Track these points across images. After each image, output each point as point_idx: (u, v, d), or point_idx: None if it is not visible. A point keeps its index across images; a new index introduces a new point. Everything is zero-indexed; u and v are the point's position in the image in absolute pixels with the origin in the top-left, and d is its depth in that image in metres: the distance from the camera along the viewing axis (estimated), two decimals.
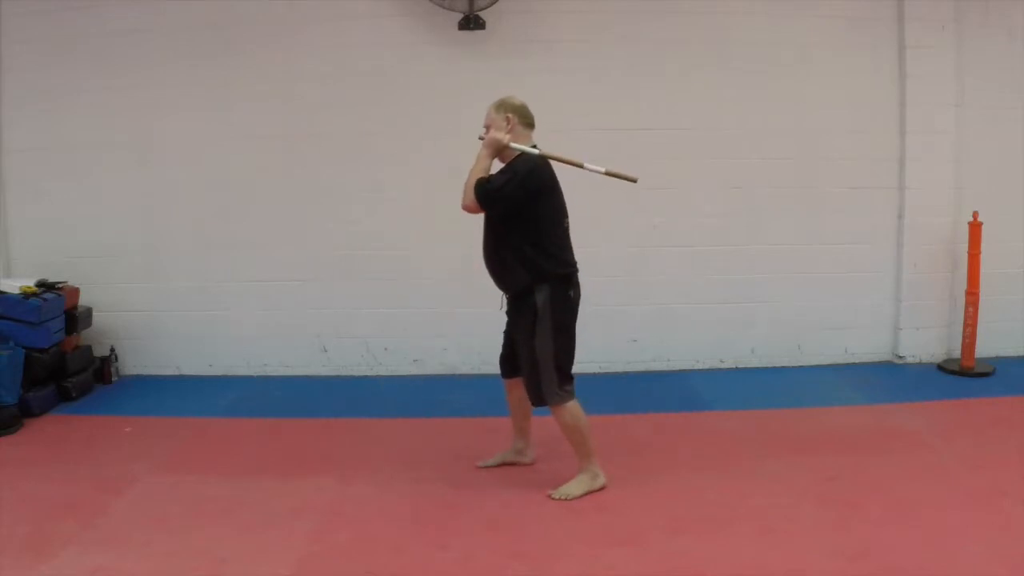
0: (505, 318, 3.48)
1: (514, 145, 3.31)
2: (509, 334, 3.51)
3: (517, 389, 3.53)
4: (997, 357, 5.27)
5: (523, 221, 3.24)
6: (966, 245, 5.05)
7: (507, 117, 3.31)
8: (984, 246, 4.99)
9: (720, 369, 5.34)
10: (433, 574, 2.80)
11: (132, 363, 5.33)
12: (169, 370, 5.34)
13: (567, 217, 3.36)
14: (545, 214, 3.26)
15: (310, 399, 4.85)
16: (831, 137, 5.20)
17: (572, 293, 3.32)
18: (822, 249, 5.28)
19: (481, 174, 3.27)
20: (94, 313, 5.15)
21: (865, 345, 5.38)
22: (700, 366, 5.33)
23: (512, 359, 3.49)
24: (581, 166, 3.36)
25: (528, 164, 3.26)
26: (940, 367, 5.22)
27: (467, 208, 3.28)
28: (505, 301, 3.44)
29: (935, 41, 5.10)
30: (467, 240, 3.59)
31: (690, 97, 5.14)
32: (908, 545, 2.90)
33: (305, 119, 5.14)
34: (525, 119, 3.36)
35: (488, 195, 3.21)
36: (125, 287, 5.28)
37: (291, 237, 5.23)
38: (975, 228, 4.99)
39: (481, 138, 3.35)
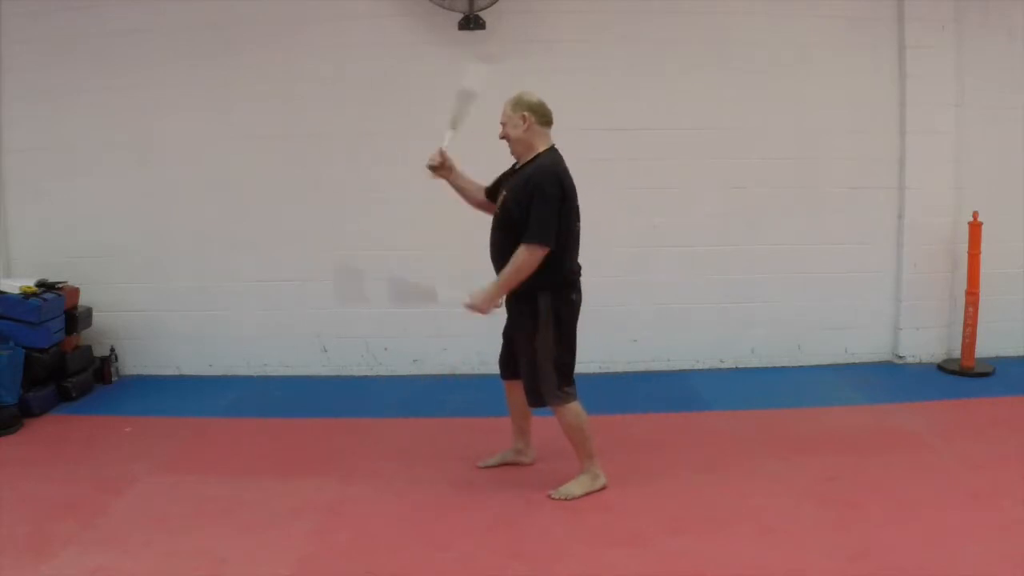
0: (504, 317, 3.48)
1: None
2: (508, 335, 3.51)
3: (517, 390, 3.52)
4: (997, 357, 5.28)
5: None
6: (966, 245, 5.06)
7: (524, 116, 3.26)
8: (984, 246, 4.99)
9: (720, 369, 5.34)
10: (433, 574, 2.80)
11: (132, 363, 5.33)
12: (169, 370, 5.34)
13: (579, 220, 3.33)
14: (562, 219, 3.20)
15: (310, 399, 4.85)
16: (831, 137, 5.21)
17: (575, 296, 3.31)
18: (822, 249, 5.29)
19: (516, 268, 3.14)
20: (94, 313, 5.15)
21: (865, 345, 5.38)
22: (700, 366, 5.33)
23: (511, 361, 3.48)
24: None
25: (549, 175, 3.18)
26: (940, 367, 5.22)
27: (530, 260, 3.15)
28: (503, 300, 3.43)
29: (935, 41, 5.11)
30: (467, 240, 3.60)
31: (690, 97, 5.14)
32: (908, 545, 2.90)
33: (305, 119, 5.14)
34: (543, 117, 3.30)
35: (547, 238, 3.11)
36: (125, 287, 5.28)
37: (291, 237, 5.23)
38: (975, 228, 4.99)
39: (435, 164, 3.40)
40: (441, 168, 3.48)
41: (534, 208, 3.14)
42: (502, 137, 3.34)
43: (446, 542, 3.00)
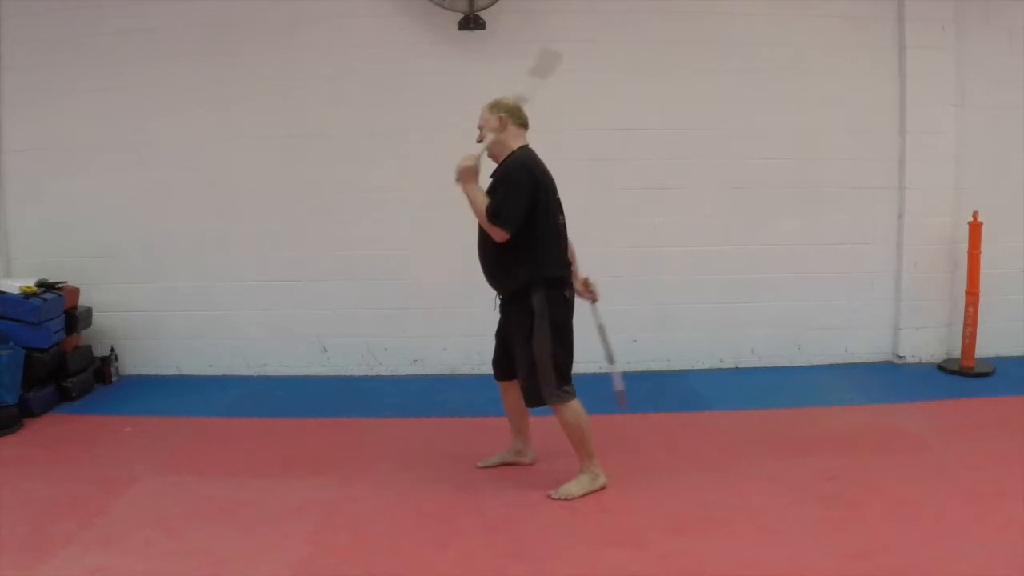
0: (496, 317, 3.48)
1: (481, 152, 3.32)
2: (502, 336, 3.51)
3: (512, 391, 3.53)
4: (997, 357, 5.28)
5: None
6: (966, 245, 5.06)
7: (500, 117, 3.31)
8: (984, 246, 4.99)
9: (720, 369, 5.34)
10: (433, 574, 2.80)
11: (132, 363, 5.33)
12: (169, 370, 5.34)
13: (563, 214, 3.36)
14: (540, 213, 3.24)
15: (310, 399, 4.85)
16: (831, 137, 5.21)
17: (568, 293, 3.32)
18: (822, 249, 5.29)
19: (483, 203, 3.23)
20: (94, 313, 5.16)
21: (865, 345, 5.39)
22: (700, 366, 5.33)
23: (505, 362, 3.48)
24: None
25: (518, 165, 3.25)
26: (940, 367, 5.22)
27: (501, 240, 3.21)
28: (498, 301, 3.44)
29: (935, 41, 5.11)
30: (466, 240, 3.59)
31: (690, 97, 5.14)
32: (908, 545, 2.90)
33: (305, 119, 5.14)
34: (519, 119, 3.36)
35: (508, 220, 3.17)
36: (125, 287, 5.28)
37: (291, 237, 5.23)
38: (975, 228, 4.99)
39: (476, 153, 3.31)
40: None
41: (501, 191, 3.21)
42: (479, 141, 3.37)
43: (446, 542, 3.00)
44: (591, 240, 3.49)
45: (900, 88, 5.17)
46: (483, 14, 4.94)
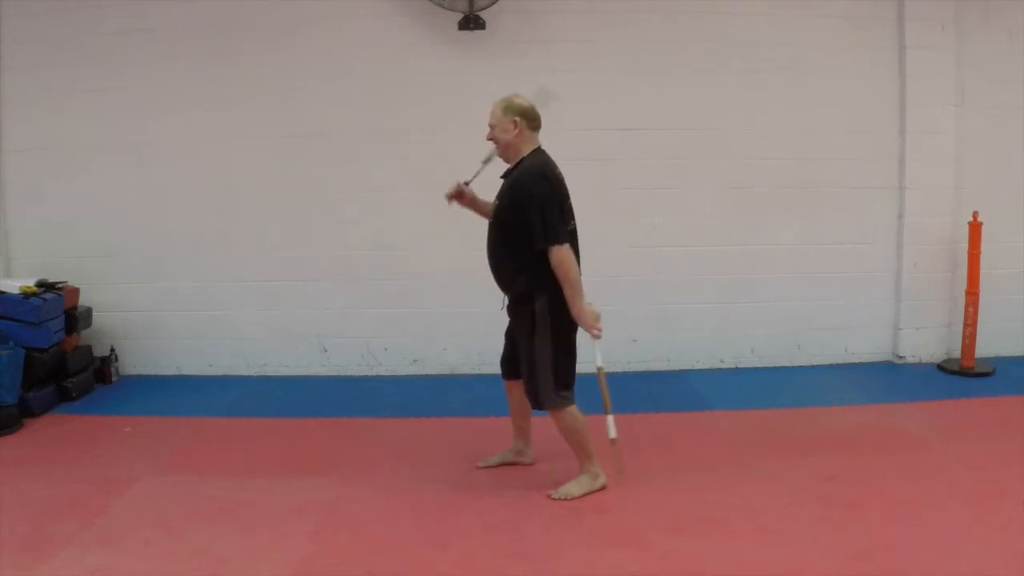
0: (507, 318, 3.48)
1: None
2: (511, 335, 3.51)
3: (517, 390, 3.52)
4: (997, 357, 5.28)
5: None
6: (966, 245, 5.06)
7: (514, 121, 3.26)
8: (984, 246, 4.99)
9: (720, 369, 5.34)
10: (433, 574, 2.80)
11: (132, 363, 5.33)
12: (169, 370, 5.34)
13: (573, 219, 3.33)
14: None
15: (310, 399, 4.85)
16: (831, 137, 5.21)
17: None
18: (822, 249, 5.29)
19: (570, 285, 3.16)
20: (94, 313, 5.15)
21: (865, 345, 5.38)
22: (700, 366, 5.33)
23: (513, 360, 3.48)
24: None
25: (536, 175, 3.20)
26: (940, 367, 5.22)
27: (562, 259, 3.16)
28: (506, 302, 3.44)
29: (935, 41, 5.11)
30: (467, 240, 3.60)
31: (690, 97, 5.14)
32: (908, 545, 2.90)
33: (305, 119, 5.13)
34: (532, 121, 3.31)
35: (556, 238, 3.12)
36: (125, 287, 5.28)
37: (291, 237, 5.23)
38: (975, 228, 4.99)
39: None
40: (460, 198, 3.47)
41: (532, 214, 3.14)
42: (490, 139, 3.35)
43: (446, 542, 3.00)
44: (592, 240, 3.48)
45: (900, 88, 5.17)
46: (483, 14, 4.94)
